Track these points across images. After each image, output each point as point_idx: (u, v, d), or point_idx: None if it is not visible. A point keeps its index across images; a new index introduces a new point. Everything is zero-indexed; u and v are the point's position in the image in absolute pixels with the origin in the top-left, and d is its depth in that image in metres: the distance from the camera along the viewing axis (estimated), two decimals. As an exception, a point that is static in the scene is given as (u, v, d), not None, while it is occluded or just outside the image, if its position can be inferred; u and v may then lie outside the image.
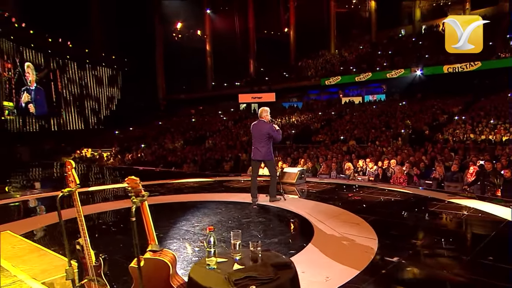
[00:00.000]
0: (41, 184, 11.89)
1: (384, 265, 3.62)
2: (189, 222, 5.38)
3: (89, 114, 33.30)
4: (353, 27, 42.61)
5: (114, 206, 6.97)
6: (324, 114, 27.85)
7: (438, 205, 6.14)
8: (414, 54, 31.79)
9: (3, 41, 25.65)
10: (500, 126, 17.33)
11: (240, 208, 6.22)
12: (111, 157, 18.83)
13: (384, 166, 11.48)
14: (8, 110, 25.64)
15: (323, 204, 6.37)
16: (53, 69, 30.21)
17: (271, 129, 6.42)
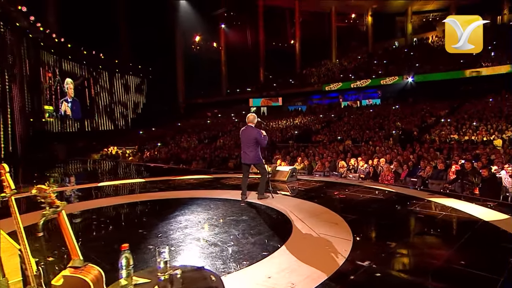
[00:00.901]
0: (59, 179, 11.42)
1: (353, 270, 3.11)
2: (175, 219, 4.92)
3: (118, 116, 33.35)
4: (352, 40, 42.50)
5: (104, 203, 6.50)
6: (325, 117, 27.37)
7: (417, 204, 5.56)
8: (406, 63, 31.61)
9: (45, 54, 25.77)
10: (482, 127, 16.88)
11: (229, 205, 5.75)
12: (132, 155, 18.67)
13: (374, 164, 10.89)
14: (49, 113, 25.80)
15: (308, 202, 5.86)
16: (87, 77, 30.36)
17: (258, 134, 5.96)
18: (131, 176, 10.77)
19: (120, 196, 6.86)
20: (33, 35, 23.14)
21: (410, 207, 5.41)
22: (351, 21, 42.57)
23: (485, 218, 4.75)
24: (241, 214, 5.18)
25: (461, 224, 4.59)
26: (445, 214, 4.99)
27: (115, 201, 6.43)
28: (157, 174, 10.49)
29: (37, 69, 23.83)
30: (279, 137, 21.98)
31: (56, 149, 22.26)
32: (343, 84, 32.19)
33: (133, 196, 7.01)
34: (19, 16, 21.21)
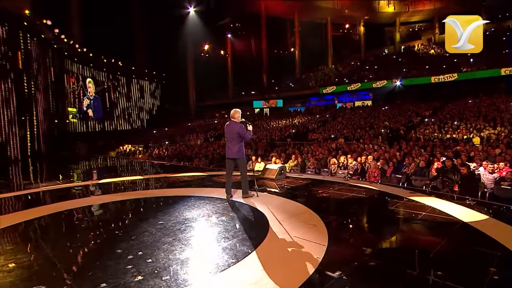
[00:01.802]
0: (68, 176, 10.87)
1: (321, 282, 2.54)
2: (155, 219, 4.38)
3: (134, 118, 33.02)
4: (346, 47, 42.43)
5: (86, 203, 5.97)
6: (321, 117, 26.73)
7: (398, 204, 4.94)
8: (394, 68, 31.40)
9: (69, 62, 25.53)
10: (462, 126, 16.36)
11: (212, 204, 5.17)
12: (142, 152, 18.22)
13: (362, 161, 10.22)
14: (72, 114, 25.59)
15: (291, 201, 5.24)
16: (107, 83, 30.10)
17: (241, 129, 5.40)
18: (131, 173, 10.11)
19: (110, 194, 6.27)
20: (57, 45, 22.88)
21: (391, 206, 4.79)
22: (345, 31, 42.78)
23: (464, 219, 4.13)
24: (221, 214, 4.61)
25: (440, 226, 3.94)
26: (425, 214, 4.35)
27: (103, 199, 5.86)
28: (156, 172, 9.95)
29: (61, 75, 23.59)
30: (278, 136, 21.37)
31: (78, 147, 22.04)
32: (338, 87, 32.04)
33: (123, 194, 6.36)
34: (44, 29, 20.96)
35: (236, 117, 5.55)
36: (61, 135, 22.18)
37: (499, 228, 3.83)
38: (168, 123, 30.71)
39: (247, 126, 5.65)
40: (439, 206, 4.71)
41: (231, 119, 5.57)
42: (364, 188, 6.15)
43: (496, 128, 15.50)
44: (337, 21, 40.37)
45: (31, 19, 19.28)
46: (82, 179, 8.68)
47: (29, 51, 18.51)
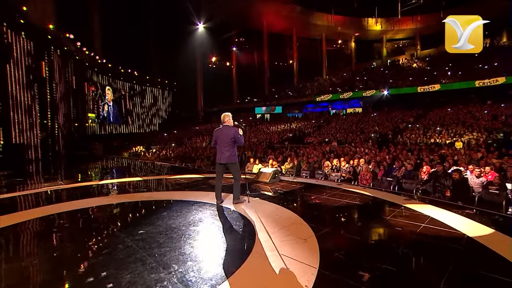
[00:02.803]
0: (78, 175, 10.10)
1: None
2: (138, 227, 3.61)
3: (148, 121, 32.32)
4: (339, 60, 41.76)
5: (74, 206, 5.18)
6: (317, 122, 25.86)
7: (394, 213, 4.10)
8: (382, 79, 30.85)
9: (89, 72, 24.97)
10: (444, 132, 15.88)
11: (201, 210, 4.38)
12: (151, 153, 17.46)
13: (354, 164, 9.38)
14: (91, 119, 24.98)
15: (282, 208, 4.40)
16: (123, 94, 29.51)
17: (236, 133, 4.62)
18: (132, 174, 9.20)
19: (99, 197, 5.44)
20: (79, 57, 22.32)
21: (387, 216, 3.95)
22: (338, 46, 42.52)
23: (469, 232, 3.30)
24: (207, 223, 3.82)
25: (444, 242, 3.11)
26: (424, 226, 3.53)
27: (89, 203, 5.02)
28: (156, 173, 9.11)
29: (82, 84, 22.97)
30: (277, 139, 20.56)
31: (95, 147, 21.37)
32: (332, 95, 31.37)
33: (113, 197, 5.56)
34: (67, 42, 20.41)
35: (227, 121, 4.77)
36: (80, 137, 21.52)
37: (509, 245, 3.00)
38: (177, 127, 29.94)
39: (239, 130, 4.86)
40: (437, 216, 3.88)
41: (223, 124, 4.79)
42: (357, 194, 5.29)
43: (473, 133, 14.93)
44: (331, 37, 40.03)
45: (55, 33, 18.74)
46: (82, 180, 7.88)
47: (52, 61, 17.92)
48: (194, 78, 35.98)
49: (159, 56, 33.51)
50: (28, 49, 16.24)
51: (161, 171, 9.63)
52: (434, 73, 28.61)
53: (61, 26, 20.28)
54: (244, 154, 13.99)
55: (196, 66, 35.35)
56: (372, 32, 39.24)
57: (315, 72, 38.16)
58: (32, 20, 16.94)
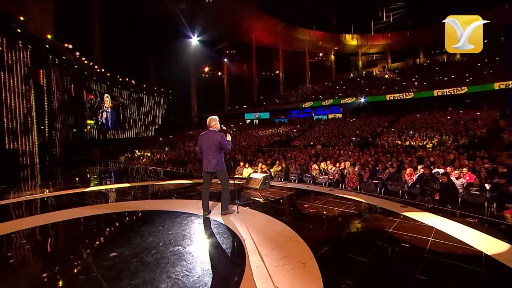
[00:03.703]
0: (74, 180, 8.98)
1: None
2: (111, 247, 2.78)
3: (144, 127, 30.89)
4: (320, 71, 41.34)
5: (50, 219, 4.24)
6: (301, 127, 25.32)
7: (396, 224, 3.38)
8: (358, 88, 30.71)
9: (88, 80, 23.58)
10: (417, 135, 15.60)
11: (185, 223, 3.55)
12: (145, 157, 16.34)
13: (341, 167, 8.72)
14: (90, 126, 23.53)
15: (274, 220, 3.62)
16: (122, 102, 28.10)
17: (222, 138, 3.80)
18: (120, 180, 8.03)
19: (78, 208, 4.46)
20: (78, 66, 20.98)
21: (389, 228, 3.23)
22: (319, 58, 42.29)
23: (485, 249, 2.62)
24: (190, 241, 3.00)
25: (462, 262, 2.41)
26: (433, 241, 2.84)
27: (65, 215, 4.06)
28: (145, 179, 8.13)
29: (81, 92, 21.58)
30: (265, 142, 19.82)
31: (94, 152, 20.04)
32: (314, 102, 31.01)
33: (93, 208, 4.55)
34: (65, 51, 19.09)
35: (214, 126, 3.95)
36: (78, 143, 20.12)
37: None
38: (172, 132, 28.70)
39: (226, 135, 4.05)
40: (441, 227, 3.20)
41: (208, 128, 3.97)
42: (351, 201, 4.56)
43: (442, 136, 14.76)
44: (313, 50, 39.91)
45: (53, 43, 17.45)
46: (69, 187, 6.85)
47: (50, 70, 16.61)
48: (188, 87, 34.84)
49: (156, 66, 32.18)
50: (25, 58, 14.94)
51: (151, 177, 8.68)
52: (404, 83, 28.91)
53: (60, 36, 18.97)
54: (235, 157, 13.16)
55: (190, 75, 34.22)
56: (349, 46, 39.45)
57: (299, 82, 37.81)
58: (31, 30, 15.69)
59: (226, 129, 4.26)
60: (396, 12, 32.26)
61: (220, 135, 3.84)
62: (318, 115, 31.34)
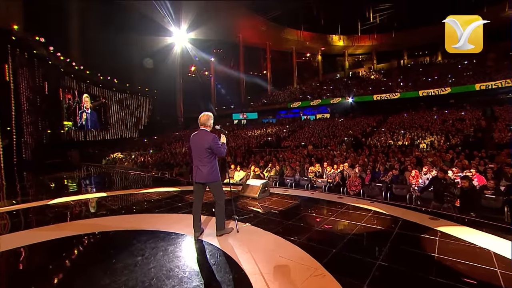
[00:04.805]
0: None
1: None
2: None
3: (128, 128, 29.12)
4: (307, 71, 41.20)
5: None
6: (290, 127, 24.77)
7: (438, 244, 2.67)
8: (345, 89, 30.53)
9: (66, 79, 21.80)
10: (407, 135, 15.26)
11: (171, 251, 2.71)
12: (128, 160, 15.04)
13: (340, 169, 8.11)
14: (68, 127, 21.76)
15: (286, 243, 2.84)
16: (103, 98, 26.30)
17: (214, 141, 2.96)
18: (96, 188, 6.93)
19: (34, 230, 3.52)
20: (53, 62, 19.28)
21: (432, 251, 2.53)
22: (306, 58, 41.87)
23: None
24: (178, 280, 2.17)
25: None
26: (504, 274, 2.16)
27: (10, 242, 3.00)
28: (126, 186, 7.11)
29: (56, 90, 19.85)
30: (255, 143, 19.06)
31: (71, 155, 18.44)
32: (302, 102, 30.46)
33: (54, 229, 3.52)
34: (37, 45, 17.41)
35: (207, 125, 3.12)
36: (54, 144, 18.41)
37: None
38: (158, 133, 27.22)
39: (220, 136, 3.24)
40: (499, 249, 2.55)
41: (200, 128, 3.15)
42: (368, 211, 3.87)
43: (433, 136, 14.64)
44: (300, 51, 39.60)
45: (21, 35, 15.75)
46: (29, 199, 5.74)
47: (17, 65, 14.98)
48: (174, 86, 33.39)
49: (140, 65, 30.44)
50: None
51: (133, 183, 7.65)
52: (390, 84, 29.13)
53: (30, 28, 17.24)
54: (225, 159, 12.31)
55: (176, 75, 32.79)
56: (336, 47, 39.54)
57: (286, 82, 37.36)
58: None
59: (220, 129, 3.47)
60: (382, 13, 32.55)
61: (212, 136, 3.01)
62: (306, 115, 31.01)
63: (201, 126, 3.11)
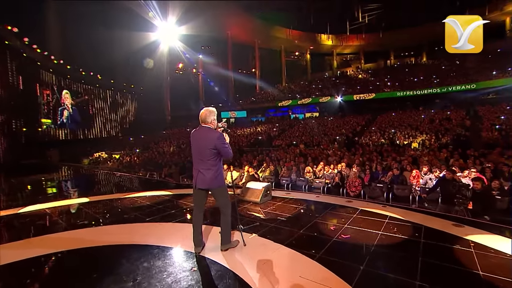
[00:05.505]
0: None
1: None
2: None
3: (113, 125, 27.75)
4: (296, 70, 41.07)
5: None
6: (280, 125, 24.49)
7: (477, 258, 2.36)
8: (334, 88, 30.47)
9: (43, 73, 20.36)
10: (398, 134, 15.16)
11: (167, 273, 2.23)
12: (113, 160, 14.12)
13: (338, 168, 7.83)
14: (46, 125, 20.36)
15: (303, 258, 2.44)
16: (86, 99, 24.84)
17: (220, 140, 2.50)
18: (76, 193, 6.15)
19: (4, 246, 2.92)
20: (28, 54, 17.91)
21: (475, 268, 2.21)
22: (295, 57, 41.76)
23: None
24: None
25: None
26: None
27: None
28: (111, 189, 6.46)
29: (32, 85, 18.48)
30: (245, 142, 18.61)
31: (50, 155, 17.23)
32: (291, 101, 30.29)
33: (19, 246, 2.92)
34: (8, 35, 16.06)
35: (208, 122, 2.65)
36: (31, 143, 17.11)
37: None
38: (144, 131, 26.11)
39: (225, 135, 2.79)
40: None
41: (201, 125, 2.68)
42: (383, 217, 3.53)
43: (423, 134, 14.78)
44: (289, 49, 39.51)
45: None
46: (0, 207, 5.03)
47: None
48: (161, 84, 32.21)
49: (126, 61, 28.99)
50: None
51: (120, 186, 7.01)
52: (377, 83, 29.53)
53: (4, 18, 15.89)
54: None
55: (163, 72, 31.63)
56: (324, 46, 39.72)
57: (275, 80, 37.08)
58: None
59: (222, 126, 3.01)
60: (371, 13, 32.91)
61: (218, 135, 2.56)
62: (295, 114, 30.94)
63: (202, 123, 2.65)
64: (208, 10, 26.91)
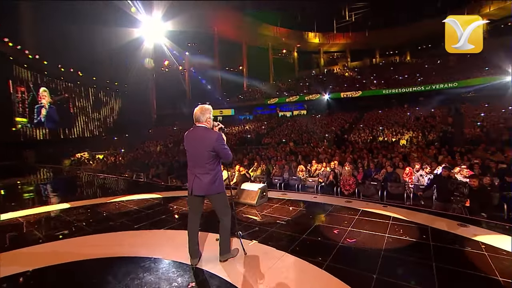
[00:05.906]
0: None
1: None
2: None
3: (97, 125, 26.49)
4: (283, 68, 40.86)
5: None
6: (268, 123, 24.36)
7: (493, 262, 2.25)
8: (321, 86, 30.49)
9: (17, 69, 19.06)
10: (388, 132, 15.38)
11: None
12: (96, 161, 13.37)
13: (331, 167, 7.74)
14: (22, 125, 19.12)
15: (310, 267, 2.24)
16: (66, 97, 23.53)
17: (219, 141, 2.25)
18: (54, 197, 5.69)
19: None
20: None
21: (489, 272, 2.09)
22: (283, 55, 41.56)
23: None
24: None
25: None
26: None
27: None
28: (94, 193, 5.99)
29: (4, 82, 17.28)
30: (234, 140, 18.32)
31: (26, 156, 16.20)
32: (279, 99, 30.06)
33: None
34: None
35: (202, 120, 2.37)
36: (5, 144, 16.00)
37: None
38: (129, 131, 25.12)
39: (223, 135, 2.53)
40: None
41: (195, 125, 2.40)
42: (387, 218, 3.41)
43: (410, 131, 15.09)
44: (277, 47, 39.50)
45: None
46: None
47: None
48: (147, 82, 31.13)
49: (110, 58, 27.69)
50: None
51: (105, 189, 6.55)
52: (364, 82, 29.99)
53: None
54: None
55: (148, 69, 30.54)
56: (311, 44, 39.92)
57: (263, 78, 36.85)
58: None
59: (218, 125, 2.75)
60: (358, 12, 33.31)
61: (217, 135, 2.30)
62: (283, 112, 30.89)
63: (196, 123, 2.38)
64: (195, 5, 26.23)
